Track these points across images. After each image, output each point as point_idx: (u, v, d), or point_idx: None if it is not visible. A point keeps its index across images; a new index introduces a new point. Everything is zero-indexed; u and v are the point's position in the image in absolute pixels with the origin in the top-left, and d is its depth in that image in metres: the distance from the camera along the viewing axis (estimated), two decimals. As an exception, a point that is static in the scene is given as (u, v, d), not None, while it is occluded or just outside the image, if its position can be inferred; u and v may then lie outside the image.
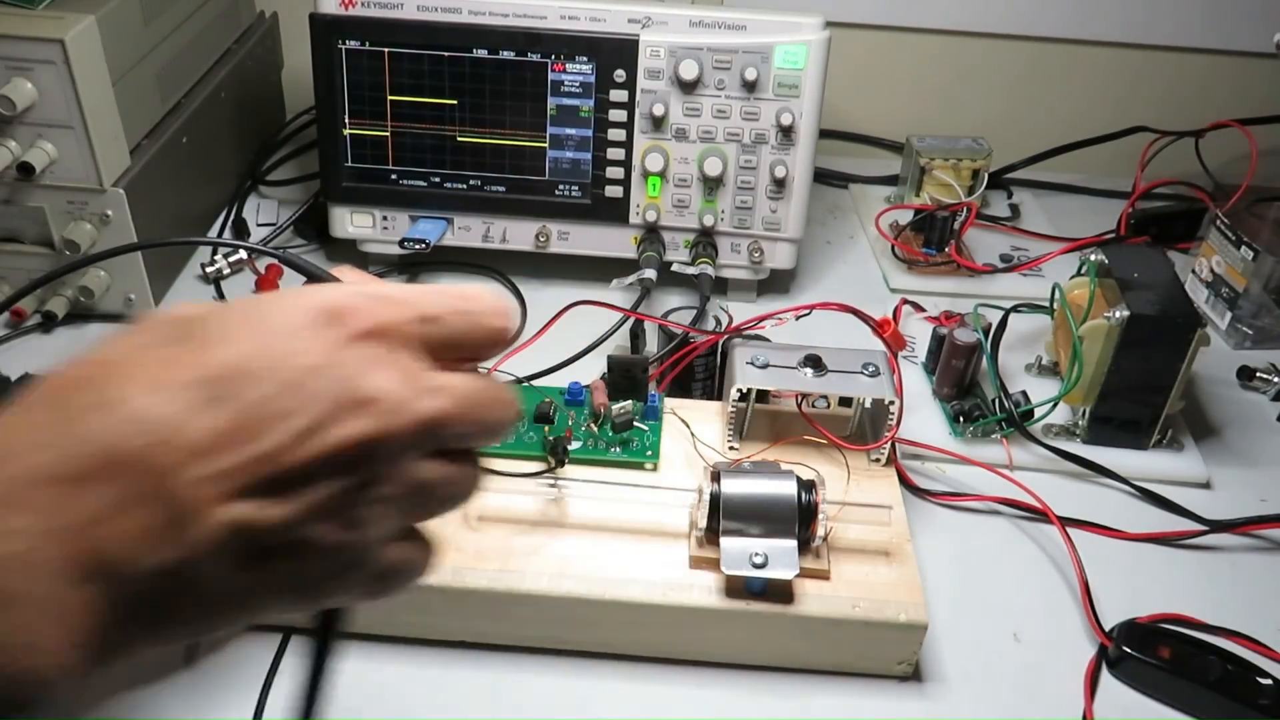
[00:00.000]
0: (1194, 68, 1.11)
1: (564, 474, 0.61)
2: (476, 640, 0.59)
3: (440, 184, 0.86)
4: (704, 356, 0.73)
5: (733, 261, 0.88)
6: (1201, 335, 0.69)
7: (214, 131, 0.95)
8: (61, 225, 0.79)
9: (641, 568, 0.58)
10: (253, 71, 1.04)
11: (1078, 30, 1.09)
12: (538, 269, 0.91)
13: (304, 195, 0.99)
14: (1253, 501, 0.73)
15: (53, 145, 0.76)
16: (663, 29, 0.80)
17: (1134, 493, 0.72)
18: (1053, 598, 0.65)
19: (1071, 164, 1.07)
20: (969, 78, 1.13)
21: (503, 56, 0.81)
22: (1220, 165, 1.03)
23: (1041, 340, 0.82)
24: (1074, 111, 1.12)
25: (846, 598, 0.57)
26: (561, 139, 0.84)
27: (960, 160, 0.98)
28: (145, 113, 0.84)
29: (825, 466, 0.64)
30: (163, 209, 0.84)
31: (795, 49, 0.80)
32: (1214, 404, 0.81)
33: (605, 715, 0.57)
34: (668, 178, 0.85)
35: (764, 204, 0.85)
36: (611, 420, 0.65)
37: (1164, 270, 0.74)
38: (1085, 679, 0.60)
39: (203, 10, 0.93)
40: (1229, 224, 0.86)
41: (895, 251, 0.95)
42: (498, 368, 0.73)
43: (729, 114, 0.82)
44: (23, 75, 0.73)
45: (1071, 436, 0.75)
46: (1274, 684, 0.58)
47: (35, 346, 0.81)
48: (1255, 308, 0.86)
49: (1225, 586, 0.66)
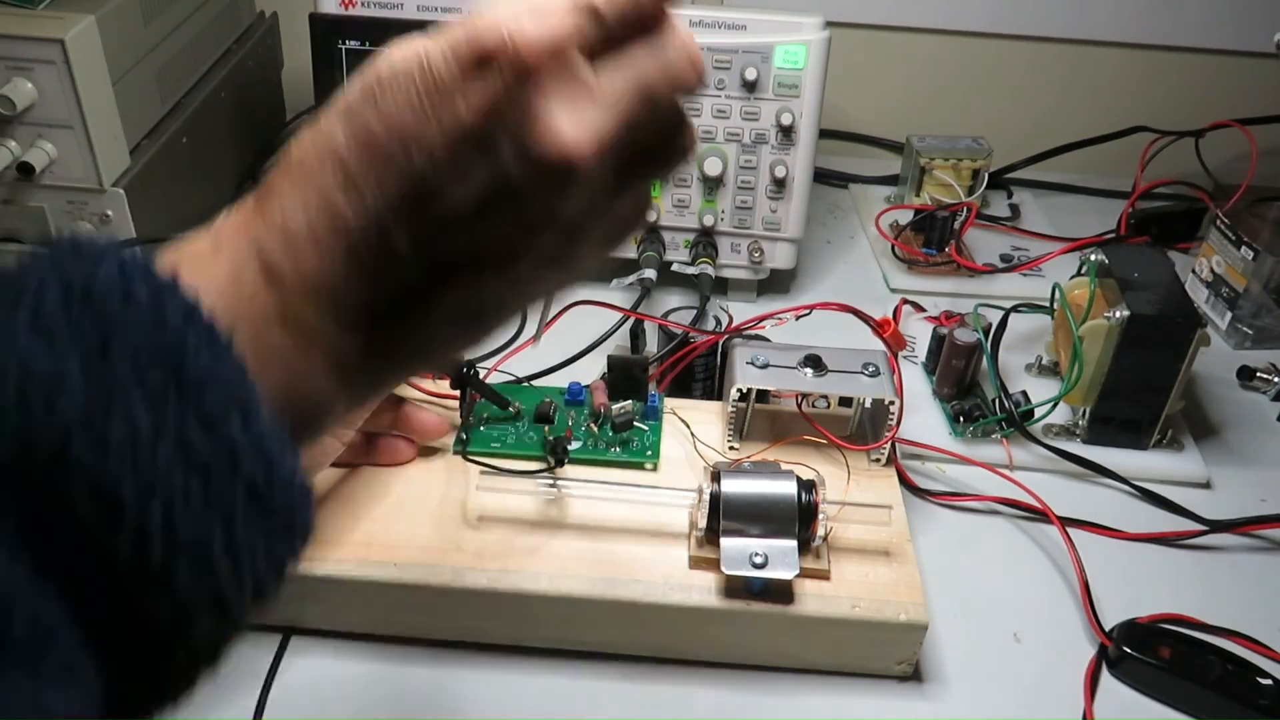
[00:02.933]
0: (1194, 68, 1.11)
1: (564, 474, 0.61)
2: (476, 640, 0.59)
3: (440, 184, 0.86)
4: (704, 356, 0.73)
5: (733, 261, 0.88)
6: (1201, 335, 0.69)
7: (214, 131, 0.95)
8: (61, 225, 0.79)
9: (641, 568, 0.58)
10: (253, 71, 1.04)
11: (1078, 30, 1.10)
12: (538, 269, 0.91)
13: (304, 195, 0.99)
14: (1253, 501, 0.73)
15: (53, 145, 0.76)
16: (663, 29, 0.80)
17: (1134, 493, 0.72)
18: (1053, 598, 0.65)
19: (1071, 164, 1.07)
20: (969, 78, 1.13)
21: (503, 56, 0.81)
22: (1220, 165, 1.03)
23: (1041, 340, 0.82)
24: (1074, 111, 1.12)
25: (846, 598, 0.57)
26: (561, 139, 0.84)
27: (960, 160, 0.98)
28: (145, 113, 0.84)
29: (825, 466, 0.64)
30: (163, 209, 0.84)
31: (795, 49, 0.80)
32: (1214, 404, 0.81)
33: (605, 715, 0.57)
34: (667, 177, 0.85)
35: (764, 204, 0.85)
36: (611, 420, 0.65)
37: (1164, 270, 0.74)
38: (1085, 679, 0.60)
39: (203, 10, 0.93)
40: (1229, 224, 0.86)
41: (895, 251, 0.95)
42: (497, 368, 0.74)
43: (729, 114, 0.82)
44: (23, 75, 0.73)
45: (1071, 436, 0.75)
46: (1274, 684, 0.58)
47: (35, 346, 0.81)
48: (1255, 308, 0.86)
49: (1225, 586, 0.66)
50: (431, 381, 0.67)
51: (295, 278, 0.29)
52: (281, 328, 0.29)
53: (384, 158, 0.29)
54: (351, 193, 0.29)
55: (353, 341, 0.30)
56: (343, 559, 0.57)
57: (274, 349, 0.29)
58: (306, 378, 0.30)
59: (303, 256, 0.29)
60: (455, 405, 0.65)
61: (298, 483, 0.27)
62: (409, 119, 0.29)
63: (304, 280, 0.29)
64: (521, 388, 0.71)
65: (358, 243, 0.29)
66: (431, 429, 0.63)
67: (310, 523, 0.28)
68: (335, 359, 0.30)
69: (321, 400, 0.30)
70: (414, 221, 0.29)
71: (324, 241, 0.29)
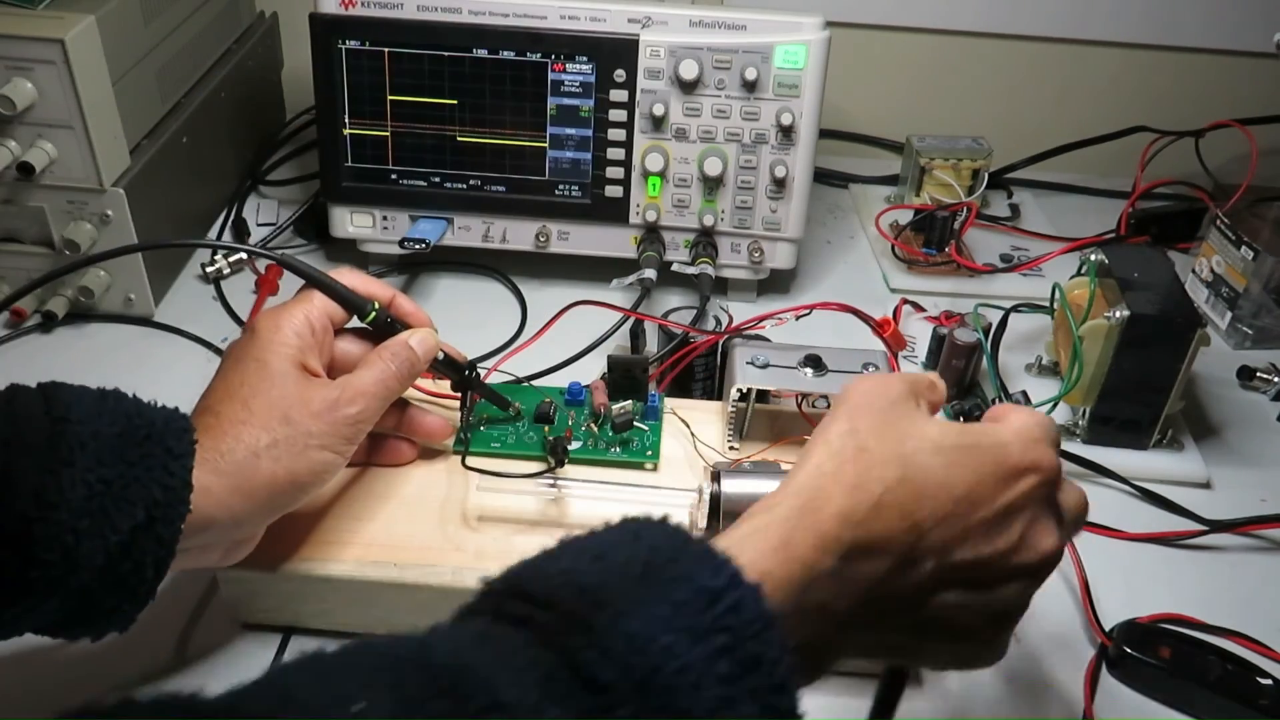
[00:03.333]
0: (1194, 68, 1.11)
1: (564, 474, 0.61)
2: (476, 640, 0.59)
3: (440, 184, 0.86)
4: (704, 356, 0.73)
5: (733, 261, 0.88)
6: (1201, 335, 0.69)
7: (214, 131, 0.95)
8: (61, 225, 0.79)
9: (641, 568, 0.58)
10: (253, 71, 1.04)
11: (1078, 30, 1.10)
12: (538, 269, 0.92)
13: (304, 195, 0.99)
14: (1253, 501, 0.73)
15: (53, 145, 0.76)
16: (663, 29, 0.80)
17: (1134, 493, 0.72)
18: (1053, 598, 0.65)
19: (1071, 164, 1.07)
20: (969, 78, 1.13)
21: (503, 56, 0.81)
22: (1220, 165, 1.03)
23: (1041, 340, 0.82)
24: (1074, 111, 1.12)
25: (846, 598, 0.57)
26: (561, 139, 0.84)
27: (960, 160, 0.98)
28: (145, 113, 0.84)
29: (825, 466, 0.64)
30: (163, 209, 0.85)
31: (795, 49, 0.80)
32: (1214, 404, 0.81)
33: (605, 715, 0.57)
34: (668, 178, 0.85)
35: (764, 204, 0.85)
36: (611, 420, 0.65)
37: (1164, 270, 0.74)
38: (1085, 679, 0.60)
39: (203, 10, 0.93)
40: (1229, 224, 0.86)
41: (895, 251, 0.95)
42: (498, 368, 0.74)
43: (729, 114, 0.82)
44: (23, 75, 0.73)
45: (1071, 436, 0.75)
46: (1274, 684, 0.58)
47: (35, 346, 0.81)
48: (1255, 308, 0.86)
49: (1225, 586, 0.66)
50: (432, 382, 0.67)
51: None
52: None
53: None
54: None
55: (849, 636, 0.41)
56: (343, 559, 0.57)
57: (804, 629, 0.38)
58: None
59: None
60: (456, 406, 0.65)
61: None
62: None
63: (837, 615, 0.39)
64: (521, 388, 0.71)
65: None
66: (435, 432, 0.63)
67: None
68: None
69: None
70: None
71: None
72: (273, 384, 0.51)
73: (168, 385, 0.54)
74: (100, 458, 0.45)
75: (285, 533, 0.56)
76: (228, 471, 0.49)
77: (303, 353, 0.53)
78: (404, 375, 0.56)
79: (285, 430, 0.50)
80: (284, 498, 0.52)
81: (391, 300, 0.59)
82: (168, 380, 0.79)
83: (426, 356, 0.57)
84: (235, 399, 0.51)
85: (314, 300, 0.56)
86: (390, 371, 0.55)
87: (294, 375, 0.52)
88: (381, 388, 0.54)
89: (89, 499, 0.44)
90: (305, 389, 0.52)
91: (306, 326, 0.54)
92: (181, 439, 0.47)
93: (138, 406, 0.48)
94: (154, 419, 0.48)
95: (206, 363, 0.80)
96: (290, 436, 0.50)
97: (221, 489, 0.48)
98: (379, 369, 0.54)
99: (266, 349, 0.53)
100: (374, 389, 0.54)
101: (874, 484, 0.40)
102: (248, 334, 0.54)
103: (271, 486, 0.50)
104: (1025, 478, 0.42)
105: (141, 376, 0.80)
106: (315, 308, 0.55)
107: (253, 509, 0.50)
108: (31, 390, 0.47)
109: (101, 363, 0.80)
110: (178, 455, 0.47)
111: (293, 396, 0.51)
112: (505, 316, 0.88)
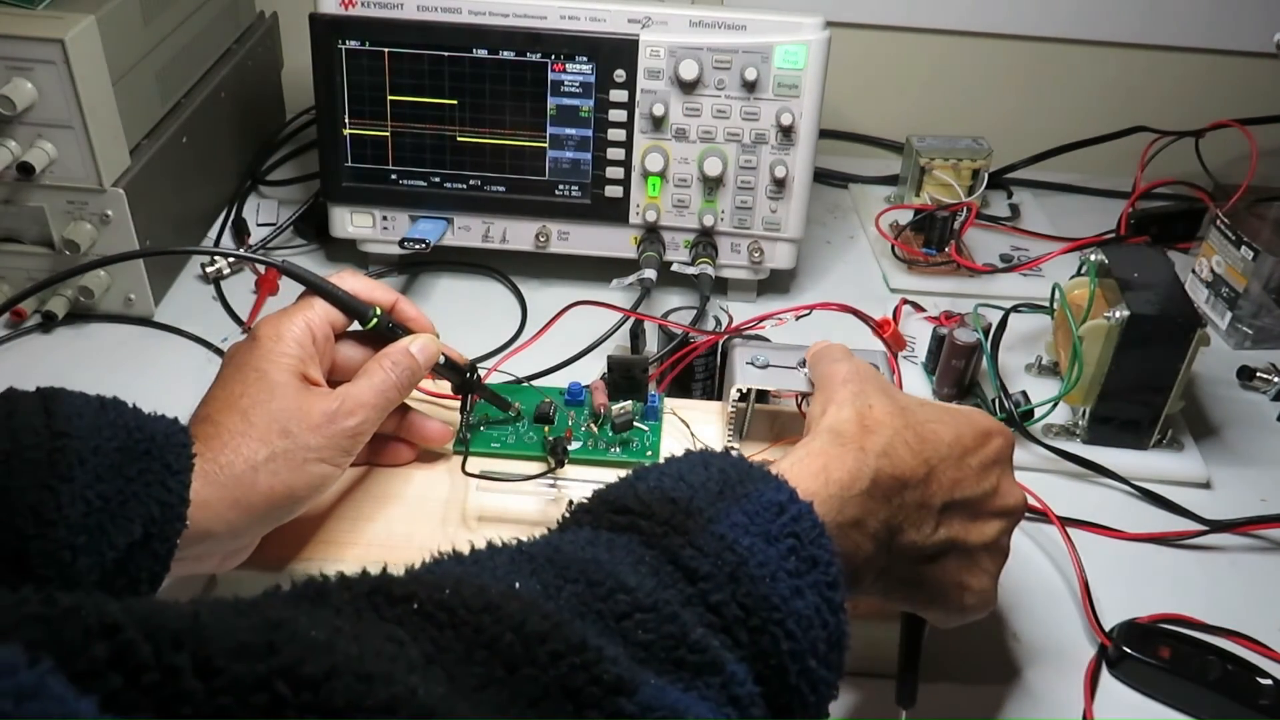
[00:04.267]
0: (1194, 68, 1.11)
1: (564, 474, 0.61)
2: (476, 640, 0.59)
3: (440, 184, 0.86)
4: (704, 356, 0.73)
5: (733, 261, 0.88)
6: (1201, 335, 0.69)
7: (214, 131, 0.95)
8: (61, 225, 0.79)
9: (641, 568, 0.58)
10: (253, 71, 1.04)
11: (1078, 30, 1.10)
12: (538, 269, 0.92)
13: (304, 195, 0.99)
14: (1253, 501, 0.73)
15: (53, 145, 0.76)
16: (663, 29, 0.80)
17: (1134, 493, 0.72)
18: (1053, 598, 0.65)
19: (1071, 164, 1.07)
20: (969, 78, 1.13)
21: (503, 56, 0.81)
22: (1220, 165, 1.03)
23: (1041, 340, 0.82)
24: (1074, 111, 1.12)
25: (846, 598, 0.57)
26: (561, 139, 0.84)
27: (960, 160, 0.98)
28: (145, 113, 0.84)
29: (825, 466, 0.64)
30: (163, 209, 0.85)
31: (795, 49, 0.80)
32: (1214, 404, 0.81)
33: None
34: (668, 178, 0.85)
35: (764, 204, 0.85)
36: (611, 420, 0.65)
37: (1164, 270, 0.74)
38: (1085, 679, 0.60)
39: (203, 10, 0.93)
40: (1229, 224, 0.86)
41: (895, 251, 0.95)
42: (498, 368, 0.74)
43: (729, 114, 0.82)
44: (23, 75, 0.73)
45: (1071, 436, 0.75)
46: (1274, 684, 0.58)
47: (35, 346, 0.81)
48: (1255, 308, 0.86)
49: (1225, 586, 0.66)
50: (433, 383, 0.67)
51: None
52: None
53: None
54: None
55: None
56: (343, 559, 0.57)
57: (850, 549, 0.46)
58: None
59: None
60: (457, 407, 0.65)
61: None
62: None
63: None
64: (521, 388, 0.71)
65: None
66: (435, 437, 0.63)
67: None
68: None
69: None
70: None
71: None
72: (272, 396, 0.51)
73: (168, 385, 0.54)
74: (99, 474, 0.45)
75: (285, 533, 0.56)
76: (226, 485, 0.49)
77: (303, 362, 0.53)
78: (404, 383, 0.55)
79: (284, 444, 0.50)
80: (281, 510, 0.52)
81: (394, 305, 0.59)
82: (168, 380, 0.79)
83: (427, 363, 0.57)
84: (235, 409, 0.51)
85: (315, 306, 0.56)
86: (390, 380, 0.55)
87: (294, 386, 0.52)
88: (381, 398, 0.54)
89: (87, 515, 0.44)
90: (305, 401, 0.52)
91: (308, 334, 0.54)
92: (180, 454, 0.47)
93: (137, 418, 0.48)
94: (153, 432, 0.47)
95: (206, 363, 0.80)
96: (289, 450, 0.50)
97: (219, 502, 0.48)
98: (379, 378, 0.54)
99: (267, 359, 0.52)
100: (373, 399, 0.54)
101: (885, 429, 0.48)
102: (249, 340, 0.54)
103: (269, 500, 0.50)
104: (994, 438, 0.51)
105: (141, 376, 0.80)
106: (317, 314, 0.55)
107: (250, 521, 0.50)
108: (32, 398, 0.47)
109: (101, 363, 0.80)
110: (176, 471, 0.47)
111: (292, 409, 0.51)
112: (505, 317, 0.88)
